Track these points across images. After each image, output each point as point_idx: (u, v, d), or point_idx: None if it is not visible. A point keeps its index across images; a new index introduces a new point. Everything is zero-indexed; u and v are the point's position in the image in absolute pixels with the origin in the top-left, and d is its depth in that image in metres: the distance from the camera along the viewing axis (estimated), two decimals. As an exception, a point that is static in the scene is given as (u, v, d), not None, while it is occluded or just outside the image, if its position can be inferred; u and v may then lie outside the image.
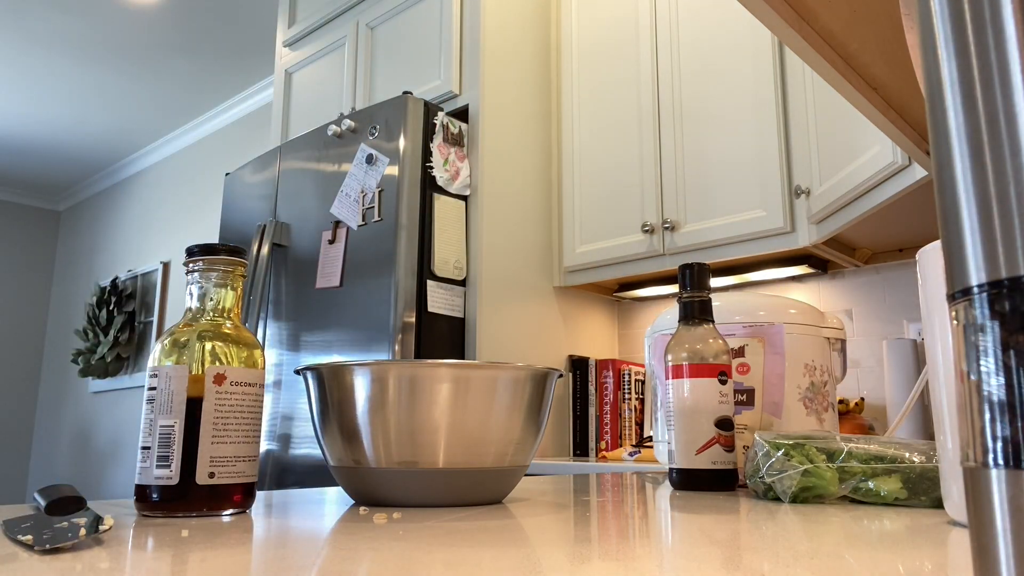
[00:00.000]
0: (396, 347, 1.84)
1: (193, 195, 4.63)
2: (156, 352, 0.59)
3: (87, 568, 0.36)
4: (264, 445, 2.08)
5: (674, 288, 2.33)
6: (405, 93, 2.01)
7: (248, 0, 3.44)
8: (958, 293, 0.22)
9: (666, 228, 2.05)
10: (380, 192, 1.96)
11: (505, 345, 2.10)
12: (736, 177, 1.94)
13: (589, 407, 2.26)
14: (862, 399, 1.84)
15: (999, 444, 0.20)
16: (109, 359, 4.76)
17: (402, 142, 1.97)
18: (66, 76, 4.12)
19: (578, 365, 2.30)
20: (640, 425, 2.25)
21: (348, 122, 2.09)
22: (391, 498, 0.64)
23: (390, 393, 0.62)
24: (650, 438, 2.14)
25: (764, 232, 1.87)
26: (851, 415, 1.77)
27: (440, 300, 1.96)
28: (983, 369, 0.21)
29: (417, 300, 1.91)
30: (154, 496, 0.56)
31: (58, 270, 5.94)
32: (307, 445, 1.96)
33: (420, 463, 0.62)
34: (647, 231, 2.09)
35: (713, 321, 0.90)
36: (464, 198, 2.10)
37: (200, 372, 0.58)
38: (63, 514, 0.48)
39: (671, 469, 0.88)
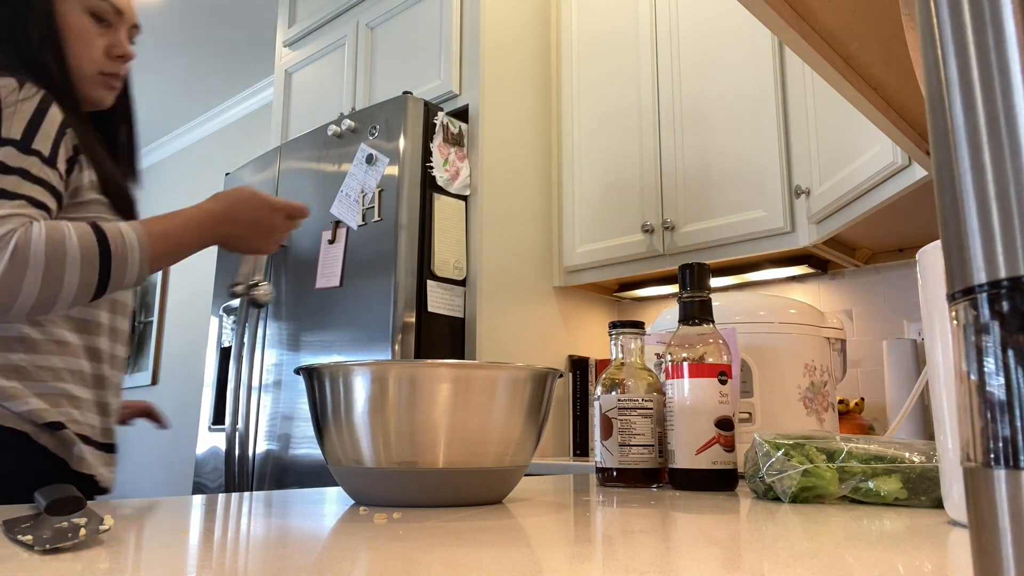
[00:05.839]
0: (396, 347, 1.84)
1: (193, 195, 4.63)
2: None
3: (87, 568, 0.36)
4: (264, 445, 2.08)
5: (674, 288, 2.33)
6: (405, 93, 2.01)
7: (248, 0, 3.44)
8: (958, 293, 0.22)
9: (666, 228, 2.05)
10: (380, 192, 1.96)
11: (505, 345, 2.10)
12: (736, 177, 1.94)
13: (589, 407, 2.26)
14: (862, 399, 1.84)
15: (999, 444, 0.20)
16: (109, 359, 4.75)
17: (402, 142, 1.96)
18: (66, 76, 4.11)
19: (578, 365, 2.30)
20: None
21: (348, 122, 2.09)
22: (391, 498, 0.64)
23: (390, 393, 0.62)
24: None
25: (764, 232, 1.87)
26: (851, 415, 1.76)
27: (440, 300, 1.96)
28: (983, 369, 0.21)
29: (417, 300, 1.91)
30: None
31: (58, 270, 5.92)
32: (307, 445, 1.96)
33: (420, 463, 0.62)
34: (647, 231, 2.09)
35: (713, 321, 0.90)
36: (464, 198, 2.10)
37: None
38: (63, 514, 0.48)
39: (672, 469, 0.88)
